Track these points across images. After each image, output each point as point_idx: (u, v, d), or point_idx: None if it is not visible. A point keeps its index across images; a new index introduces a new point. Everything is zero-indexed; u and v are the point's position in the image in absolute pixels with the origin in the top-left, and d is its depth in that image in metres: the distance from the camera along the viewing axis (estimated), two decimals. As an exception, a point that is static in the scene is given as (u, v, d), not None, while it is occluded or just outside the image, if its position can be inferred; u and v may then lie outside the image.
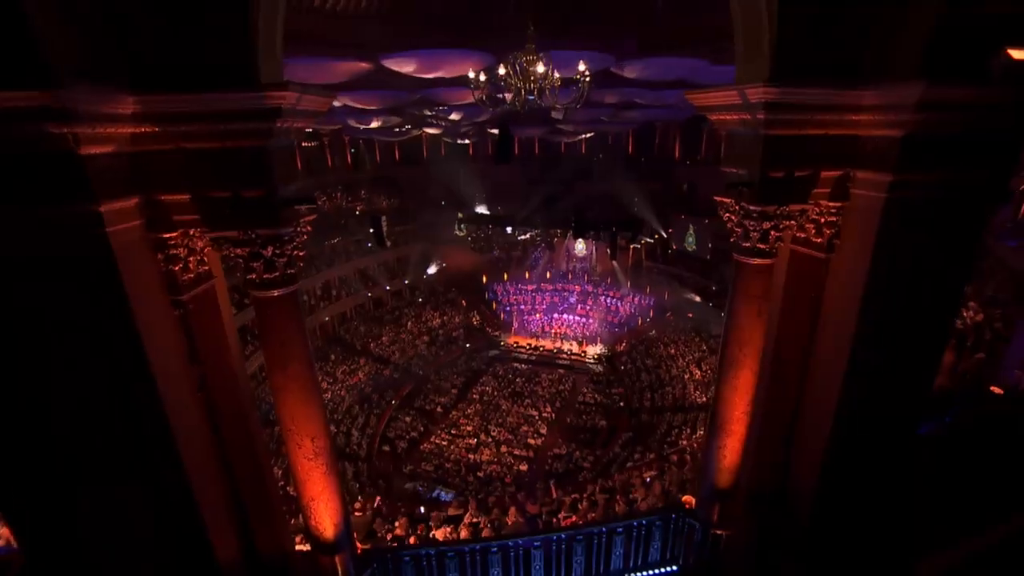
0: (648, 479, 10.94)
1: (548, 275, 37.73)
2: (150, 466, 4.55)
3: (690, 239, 32.24)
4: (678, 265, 33.46)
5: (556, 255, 38.68)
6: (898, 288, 4.79)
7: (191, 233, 4.57)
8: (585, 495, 11.57)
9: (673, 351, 27.85)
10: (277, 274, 4.62)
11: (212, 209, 4.35)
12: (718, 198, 5.39)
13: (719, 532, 6.09)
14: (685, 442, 18.68)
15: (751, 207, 4.95)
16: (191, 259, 4.66)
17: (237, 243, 4.45)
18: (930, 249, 4.62)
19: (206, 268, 4.93)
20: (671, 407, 23.10)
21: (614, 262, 34.48)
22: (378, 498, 13.43)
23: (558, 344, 31.79)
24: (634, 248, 35.41)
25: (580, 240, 37.41)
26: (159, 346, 4.35)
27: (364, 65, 14.61)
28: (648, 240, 34.69)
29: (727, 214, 5.33)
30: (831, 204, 5.01)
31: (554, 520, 10.40)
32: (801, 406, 5.81)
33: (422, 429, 22.48)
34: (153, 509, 4.67)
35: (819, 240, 5.26)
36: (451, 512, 11.26)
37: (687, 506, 6.62)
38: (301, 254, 4.64)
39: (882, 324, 4.91)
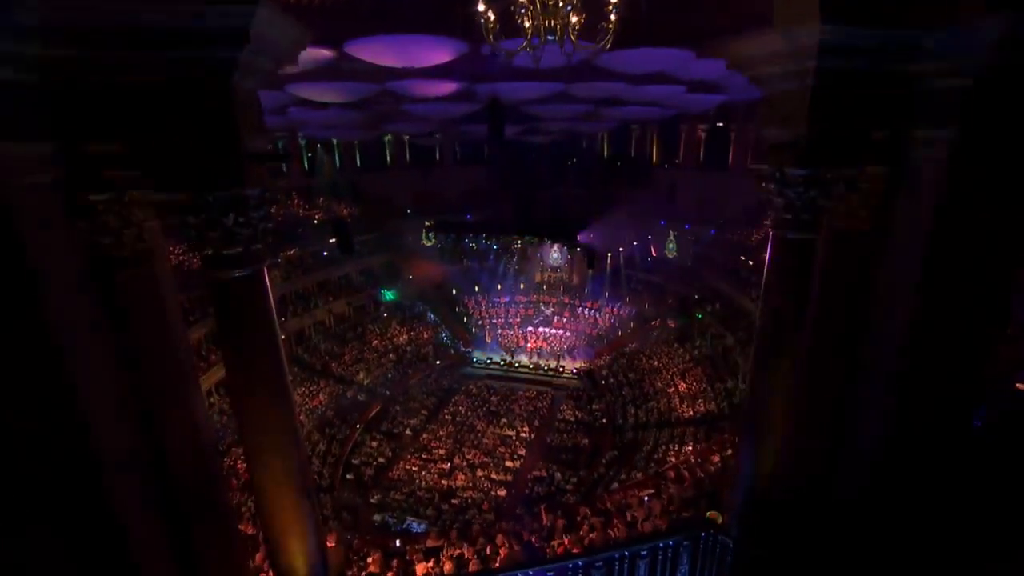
0: (645, 498, 10.48)
1: (522, 286, 37.62)
2: (69, 503, 3.64)
3: (671, 246, 32.61)
4: (659, 273, 33.67)
5: (530, 265, 38.56)
6: (960, 267, 4.45)
7: (127, 200, 3.76)
8: (578, 518, 10.94)
9: (656, 363, 27.82)
10: (240, 249, 3.89)
11: (156, 163, 3.59)
12: (753, 165, 4.99)
13: (756, 550, 5.60)
14: (674, 458, 18.40)
15: (795, 171, 4.56)
16: (126, 232, 3.85)
17: (188, 209, 3.69)
18: (998, 220, 4.29)
19: (146, 247, 4.11)
20: (656, 422, 22.98)
21: (590, 271, 34.65)
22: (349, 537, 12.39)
23: (535, 359, 31.60)
24: (611, 256, 35.55)
25: (555, 249, 37.55)
26: (80, 344, 3.51)
27: (326, 52, 13.92)
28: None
29: (765, 183, 4.92)
30: (881, 169, 4.67)
31: (548, 548, 9.76)
32: (849, 400, 5.42)
33: (390, 454, 21.97)
34: (74, 559, 3.75)
35: (864, 213, 4.92)
36: (430, 543, 10.44)
37: (715, 522, 6.11)
38: (269, 227, 3.94)
39: (941, 307, 4.54)
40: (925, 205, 4.33)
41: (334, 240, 25.02)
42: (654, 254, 34.01)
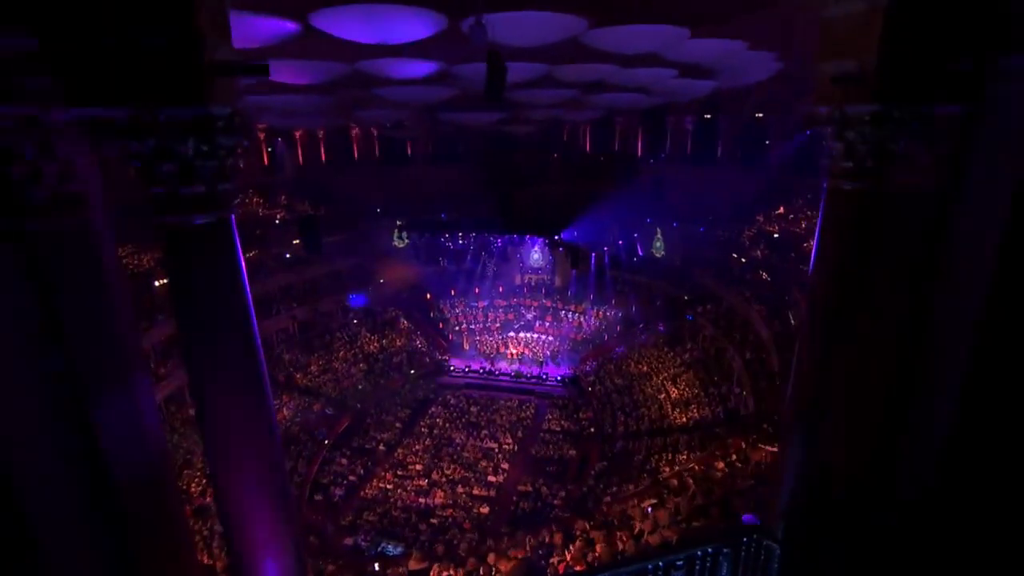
0: (648, 509, 10.37)
1: (501, 289, 37.39)
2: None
3: (658, 244, 32.71)
4: (646, 273, 33.70)
5: (510, 266, 38.34)
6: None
7: (44, 122, 2.99)
8: (577, 532, 10.58)
9: (645, 368, 27.87)
10: (202, 189, 3.19)
11: (85, 66, 2.84)
12: (809, 108, 4.52)
13: (809, 556, 5.12)
14: (667, 468, 18.38)
15: (858, 108, 4.11)
16: (47, 167, 3.09)
17: (131, 131, 2.96)
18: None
19: (75, 189, 3.34)
20: (648, 430, 23.01)
21: (574, 272, 34.57)
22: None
23: (516, 366, 31.39)
24: (596, 256, 35.43)
25: (536, 249, 37.46)
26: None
27: (289, 25, 13.18)
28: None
29: (823, 126, 4.46)
30: (959, 109, 4.22)
31: (548, 565, 9.33)
32: (911, 387, 4.97)
33: (362, 472, 21.74)
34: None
35: (935, 163, 4.47)
36: (412, 566, 9.94)
37: (758, 526, 5.63)
38: (240, 166, 3.25)
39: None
40: (1006, 149, 3.92)
41: (300, 239, 24.08)
42: (641, 253, 34.16)
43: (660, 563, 5.05)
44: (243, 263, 3.69)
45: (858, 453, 5.10)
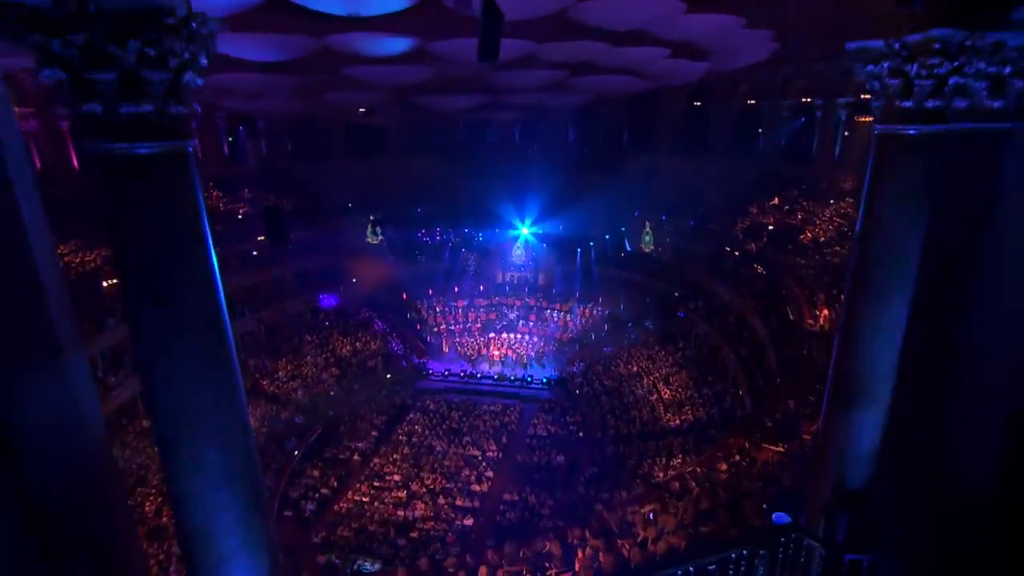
0: (651, 515, 10.08)
1: (482, 288, 37.23)
2: None
3: (647, 238, 32.64)
4: (634, 269, 33.71)
5: (491, 263, 38.11)
6: None
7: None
8: (574, 541, 10.26)
9: (636, 368, 27.89)
10: (150, 108, 2.64)
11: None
12: (857, 42, 4.12)
13: (855, 555, 4.76)
14: (661, 473, 18.48)
15: (925, 37, 3.72)
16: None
17: (52, 26, 2.35)
18: None
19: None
20: (640, 434, 23.00)
21: (558, 267, 34.51)
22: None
23: (499, 369, 31.30)
24: (582, 251, 35.50)
25: (518, 245, 37.26)
26: None
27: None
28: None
29: (876, 62, 4.07)
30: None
31: None
32: (969, 353, 4.59)
33: (335, 484, 21.40)
34: None
35: (998, 102, 4.12)
36: None
37: (795, 524, 5.27)
38: (199, 85, 2.71)
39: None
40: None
41: (264, 233, 23.26)
42: (629, 248, 34.12)
43: (691, 568, 4.70)
44: (204, 209, 3.19)
45: (908, 436, 4.74)
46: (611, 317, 33.04)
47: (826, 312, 16.05)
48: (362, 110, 26.28)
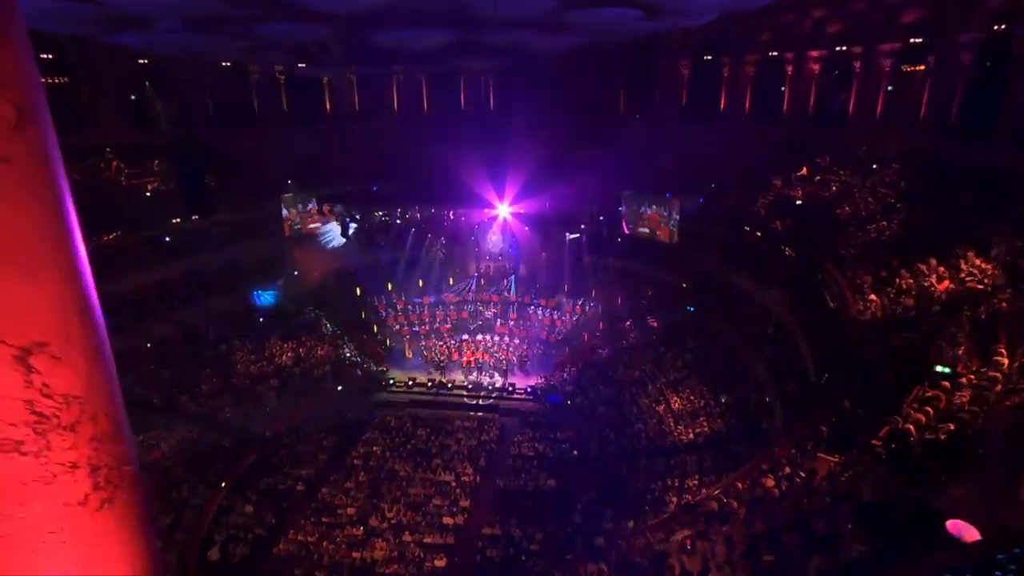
0: (688, 544, 9.71)
1: (451, 281, 37.61)
2: None
3: (648, 220, 32.67)
4: (633, 257, 33.87)
5: (463, 251, 38.25)
6: None
7: None
8: None
9: (638, 374, 28.03)
10: None
11: None
12: None
13: None
14: (675, 498, 18.42)
15: None
16: None
17: None
18: None
19: None
20: (646, 450, 23.16)
21: (544, 255, 34.60)
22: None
23: (474, 377, 31.59)
24: (571, 237, 35.54)
25: (495, 230, 37.25)
26: None
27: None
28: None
29: None
30: None
31: None
32: None
33: (274, 522, 21.23)
34: None
35: None
36: None
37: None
38: None
39: None
40: None
41: (183, 199, 22.14)
42: (627, 231, 34.08)
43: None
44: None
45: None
46: (606, 313, 33.25)
47: (875, 298, 15.72)
48: (302, 51, 25.48)
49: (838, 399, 12.64)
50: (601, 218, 35.17)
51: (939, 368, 10.62)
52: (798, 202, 27.85)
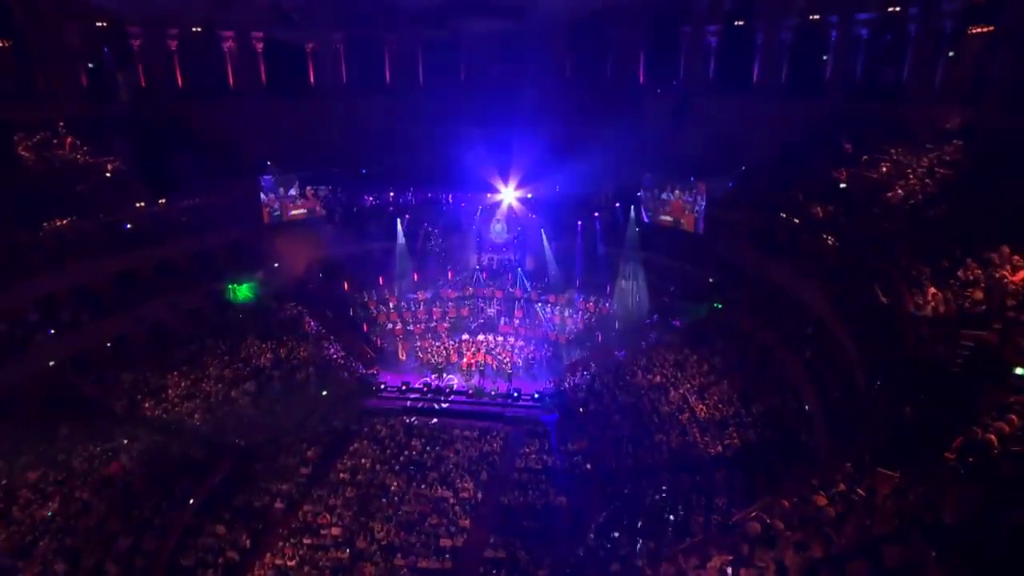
0: (728, 571, 9.58)
1: (451, 274, 37.74)
2: None
3: (669, 207, 32.69)
4: (653, 247, 33.73)
5: (464, 242, 38.43)
6: None
7: None
8: None
9: (659, 378, 27.97)
10: None
11: None
12: None
13: None
14: (701, 518, 18.56)
15: None
16: None
17: None
18: None
19: None
20: (667, 464, 23.13)
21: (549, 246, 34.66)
22: None
23: (475, 381, 31.78)
24: (583, 223, 35.62)
25: (499, 218, 37.38)
26: None
27: None
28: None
29: None
30: None
31: None
32: None
33: (248, 544, 21.27)
34: None
35: None
36: None
37: None
38: None
39: None
40: None
41: (140, 173, 21.86)
42: (646, 219, 33.89)
43: None
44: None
45: None
46: (624, 311, 33.15)
47: (935, 291, 15.32)
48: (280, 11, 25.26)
49: (896, 406, 12.36)
50: (618, 204, 34.96)
51: (1020, 371, 10.27)
52: (843, 184, 27.47)
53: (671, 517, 19.56)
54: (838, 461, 12.19)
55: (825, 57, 32.10)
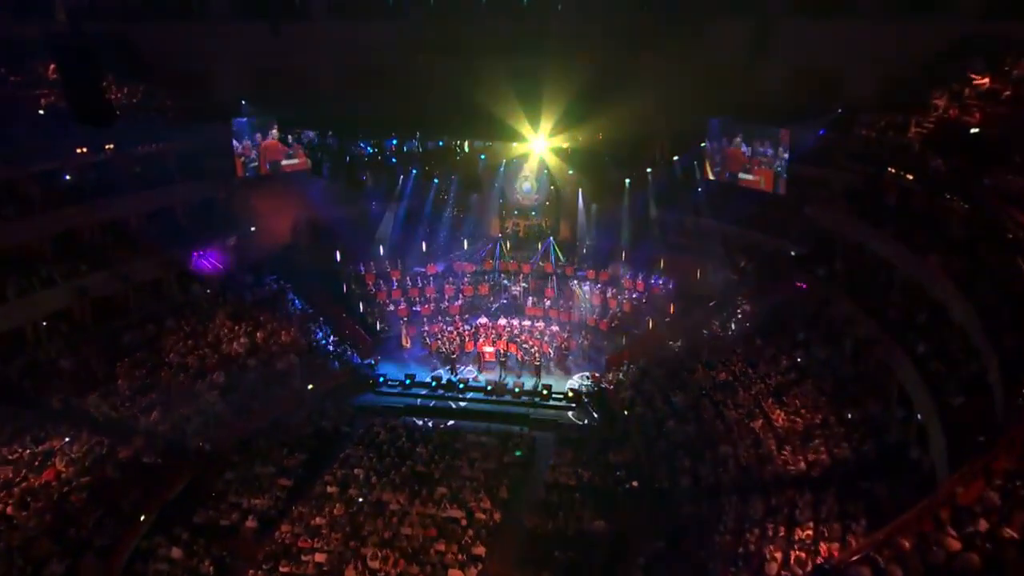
0: None
1: (466, 243, 38.25)
2: None
3: (743, 161, 32.29)
4: (719, 212, 33.74)
5: (484, 202, 38.71)
6: None
7: None
8: None
9: (724, 377, 28.05)
10: None
11: None
12: None
13: None
14: (780, 554, 18.31)
15: None
16: None
17: None
18: None
19: None
20: (733, 485, 23.08)
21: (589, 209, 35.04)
22: None
23: (494, 375, 32.09)
24: (631, 182, 35.57)
25: (526, 172, 37.51)
26: None
27: None
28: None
29: None
30: None
31: None
32: None
33: (211, 571, 21.71)
34: None
35: None
36: None
37: None
38: None
39: None
40: None
41: (69, 102, 21.30)
42: (712, 177, 33.70)
43: None
44: None
45: None
46: (681, 292, 33.55)
47: None
48: None
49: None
50: (676, 157, 34.93)
51: None
52: (973, 130, 26.05)
53: (740, 550, 19.32)
54: (975, 488, 11.44)
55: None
